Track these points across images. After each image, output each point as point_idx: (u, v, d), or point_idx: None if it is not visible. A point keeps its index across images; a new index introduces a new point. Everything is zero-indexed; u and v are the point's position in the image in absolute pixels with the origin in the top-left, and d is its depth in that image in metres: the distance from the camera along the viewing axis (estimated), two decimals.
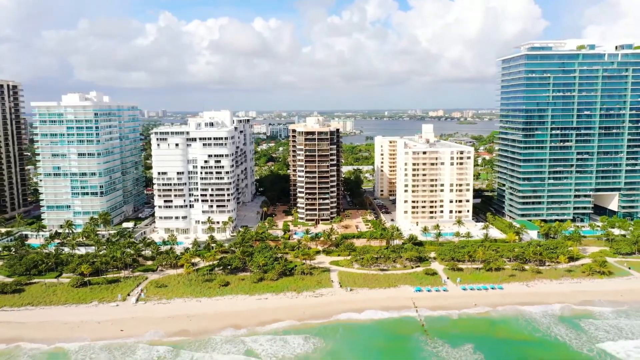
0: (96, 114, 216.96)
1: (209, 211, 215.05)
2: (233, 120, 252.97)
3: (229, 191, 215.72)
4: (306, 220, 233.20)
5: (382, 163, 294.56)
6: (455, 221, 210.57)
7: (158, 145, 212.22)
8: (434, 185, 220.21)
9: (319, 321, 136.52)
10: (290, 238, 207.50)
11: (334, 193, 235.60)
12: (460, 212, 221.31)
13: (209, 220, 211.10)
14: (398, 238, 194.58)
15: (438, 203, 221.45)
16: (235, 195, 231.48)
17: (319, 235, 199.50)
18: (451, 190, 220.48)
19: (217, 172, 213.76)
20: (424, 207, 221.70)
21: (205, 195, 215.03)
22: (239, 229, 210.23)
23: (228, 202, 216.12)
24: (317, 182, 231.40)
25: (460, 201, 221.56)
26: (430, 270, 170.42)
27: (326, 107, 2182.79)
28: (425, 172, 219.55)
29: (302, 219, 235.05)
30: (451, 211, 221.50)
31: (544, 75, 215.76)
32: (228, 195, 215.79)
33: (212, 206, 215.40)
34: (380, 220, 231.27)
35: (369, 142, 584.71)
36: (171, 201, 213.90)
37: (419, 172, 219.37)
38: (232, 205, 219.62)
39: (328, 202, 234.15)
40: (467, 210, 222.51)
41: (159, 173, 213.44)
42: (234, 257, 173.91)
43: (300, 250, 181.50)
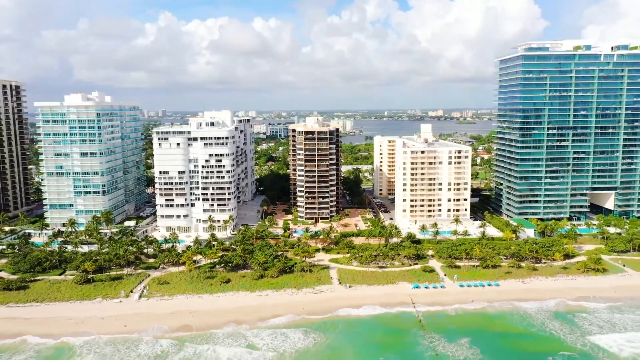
0: (98, 114, 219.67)
1: (210, 210, 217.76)
2: (233, 120, 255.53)
3: (229, 190, 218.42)
4: (306, 218, 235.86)
5: (381, 162, 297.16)
6: (453, 220, 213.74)
7: (160, 144, 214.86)
8: (432, 184, 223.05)
9: (318, 317, 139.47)
10: (290, 236, 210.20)
11: (333, 192, 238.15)
12: (458, 210, 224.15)
13: (210, 218, 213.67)
14: (396, 236, 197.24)
15: (436, 202, 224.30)
16: (236, 194, 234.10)
17: (318, 234, 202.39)
18: (449, 189, 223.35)
19: (218, 171, 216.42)
20: (422, 205, 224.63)
21: (206, 194, 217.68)
22: (240, 227, 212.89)
23: (229, 201, 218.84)
24: (317, 181, 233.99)
25: (458, 200, 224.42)
26: (428, 268, 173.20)
27: (326, 106, 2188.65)
28: (423, 171, 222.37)
29: (301, 217, 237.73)
30: (449, 210, 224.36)
31: (541, 76, 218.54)
32: (229, 194, 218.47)
33: (213, 205, 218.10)
34: (379, 219, 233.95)
35: (369, 141, 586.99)
36: (172, 200, 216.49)
37: (417, 171, 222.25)
38: (233, 204, 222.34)
39: (327, 201, 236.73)
40: (465, 209, 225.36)
41: (161, 172, 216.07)
42: (235, 254, 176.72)
43: (300, 248, 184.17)
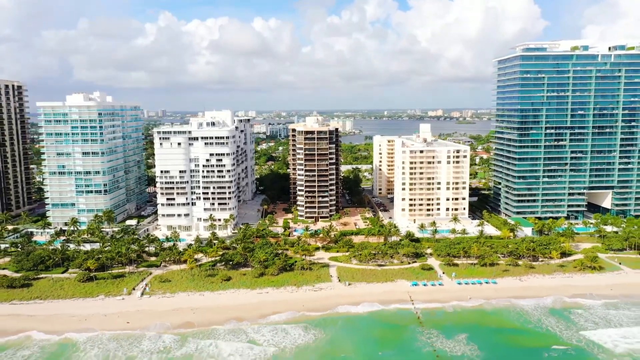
0: (100, 114, 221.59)
1: (211, 209, 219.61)
2: (234, 120, 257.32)
3: (230, 189, 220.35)
4: (306, 217, 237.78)
5: (381, 162, 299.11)
6: (452, 218, 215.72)
7: (161, 144, 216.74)
8: (431, 184, 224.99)
9: (318, 313, 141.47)
10: (290, 235, 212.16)
11: (333, 191, 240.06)
12: (456, 209, 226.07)
13: (211, 217, 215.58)
14: (395, 235, 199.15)
15: (435, 201, 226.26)
16: (236, 193, 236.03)
17: (318, 232, 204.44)
18: (448, 188, 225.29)
19: (218, 171, 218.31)
20: (421, 204, 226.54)
21: (207, 193, 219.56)
22: (240, 226, 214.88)
23: (229, 200, 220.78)
24: (317, 181, 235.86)
25: (456, 199, 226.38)
26: (426, 266, 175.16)
27: (325, 106, 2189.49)
28: (422, 170, 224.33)
29: (301, 216, 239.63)
30: (448, 209, 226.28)
31: (539, 76, 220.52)
32: (229, 193, 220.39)
33: (213, 204, 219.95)
34: (378, 218, 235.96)
35: (368, 141, 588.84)
36: (174, 199, 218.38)
37: (416, 170, 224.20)
38: (233, 203, 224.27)
39: (327, 200, 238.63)
40: (464, 208, 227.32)
41: (162, 171, 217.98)
42: (236, 253, 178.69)
43: (300, 246, 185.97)
